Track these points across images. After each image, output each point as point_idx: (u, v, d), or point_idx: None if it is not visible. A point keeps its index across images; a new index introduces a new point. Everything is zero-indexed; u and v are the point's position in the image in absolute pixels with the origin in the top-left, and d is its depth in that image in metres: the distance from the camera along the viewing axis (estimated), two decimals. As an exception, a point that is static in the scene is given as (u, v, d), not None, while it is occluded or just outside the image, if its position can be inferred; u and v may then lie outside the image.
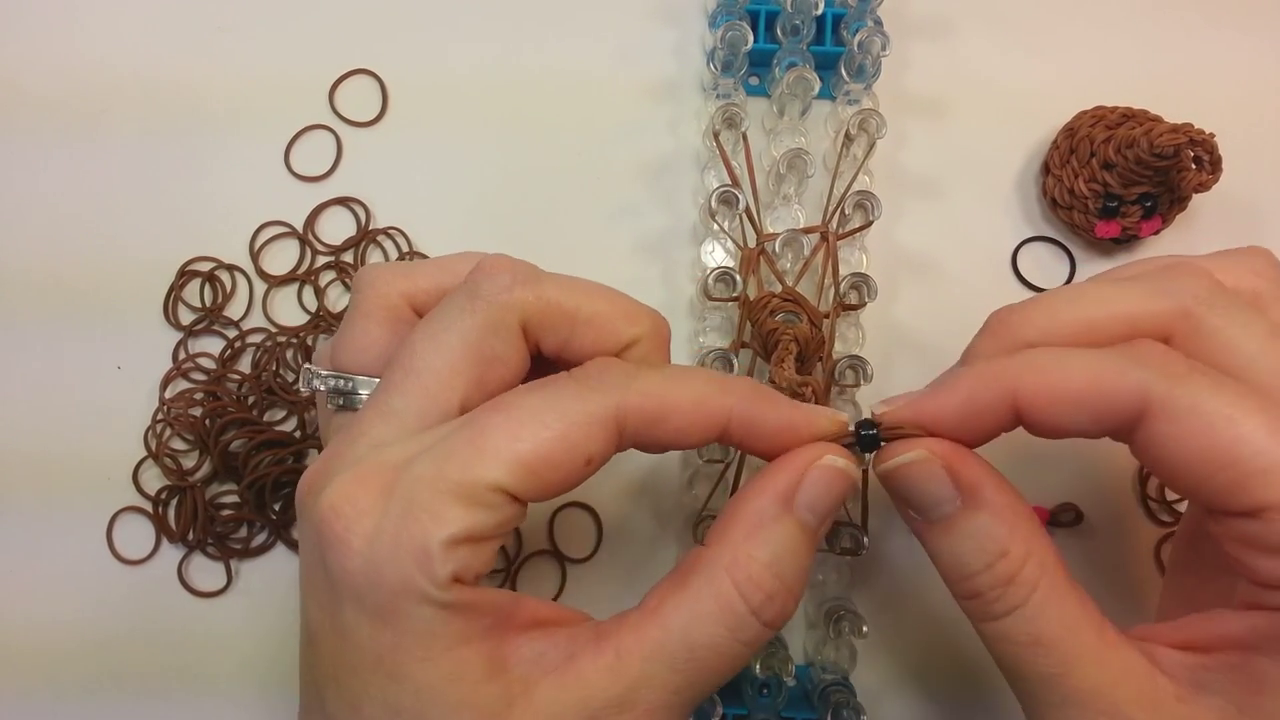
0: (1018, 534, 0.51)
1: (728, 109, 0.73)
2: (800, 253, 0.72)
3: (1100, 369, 0.50)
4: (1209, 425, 0.48)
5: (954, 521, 0.53)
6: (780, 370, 0.66)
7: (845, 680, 0.73)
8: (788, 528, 0.52)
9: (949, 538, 0.53)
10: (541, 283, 0.55)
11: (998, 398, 0.52)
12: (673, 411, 0.51)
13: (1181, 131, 0.72)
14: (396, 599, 0.47)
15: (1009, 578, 0.51)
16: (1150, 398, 0.49)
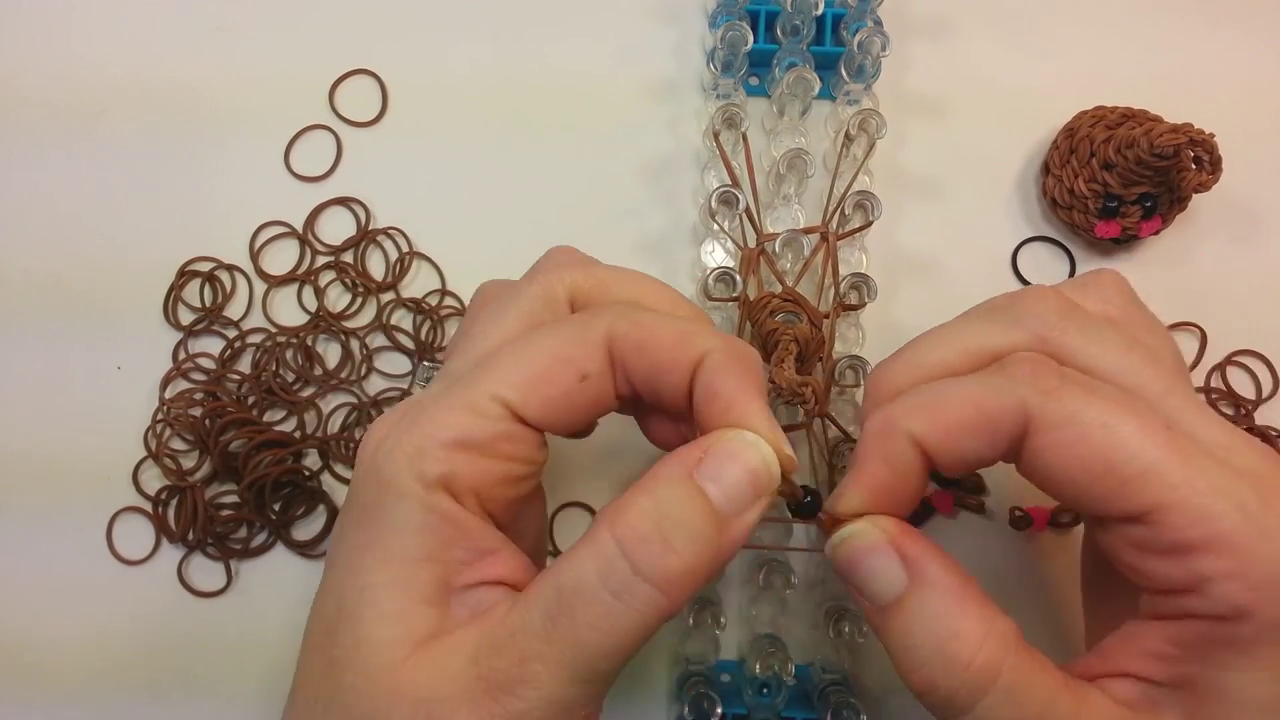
0: (968, 611, 0.50)
1: (728, 109, 0.73)
2: (800, 253, 0.72)
3: (980, 392, 0.51)
4: (1086, 434, 0.49)
5: (904, 602, 0.51)
6: (780, 370, 0.66)
7: (845, 680, 0.73)
8: (681, 487, 0.49)
9: (899, 619, 0.51)
10: (593, 266, 0.57)
11: (902, 447, 0.52)
12: (654, 342, 0.52)
13: (1181, 131, 0.72)
14: (382, 493, 0.50)
15: (968, 662, 0.49)
16: (1030, 412, 0.50)
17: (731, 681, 0.75)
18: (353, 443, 0.79)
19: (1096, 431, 0.49)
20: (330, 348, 0.80)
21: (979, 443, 0.51)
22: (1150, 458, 0.48)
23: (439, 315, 0.79)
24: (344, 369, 0.79)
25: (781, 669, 0.71)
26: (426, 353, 0.79)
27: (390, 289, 0.80)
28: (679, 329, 0.53)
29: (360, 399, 0.79)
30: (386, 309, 0.80)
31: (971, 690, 0.49)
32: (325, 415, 0.79)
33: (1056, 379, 0.50)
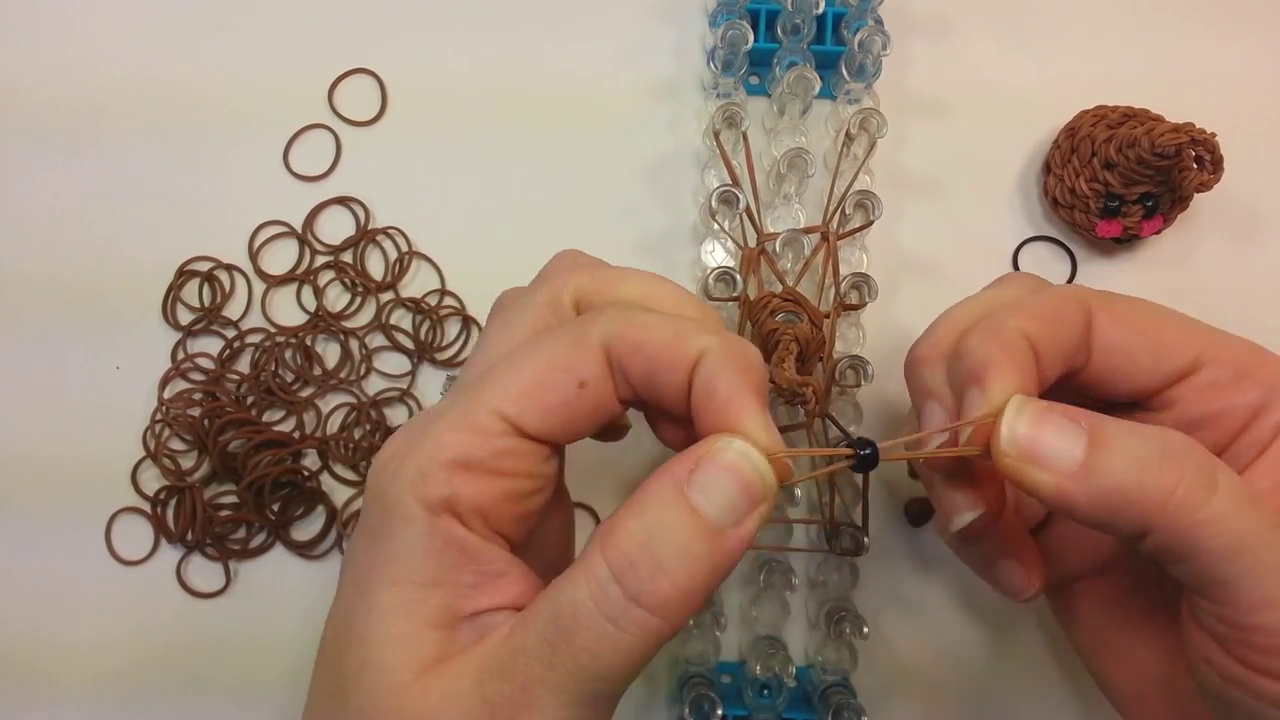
0: (1173, 438, 0.50)
1: (728, 108, 0.73)
2: (801, 252, 0.72)
3: (1053, 295, 0.57)
4: (1137, 310, 0.58)
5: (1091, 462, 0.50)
6: (781, 370, 0.66)
7: (846, 681, 0.73)
8: (672, 506, 0.48)
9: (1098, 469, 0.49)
10: (599, 268, 0.57)
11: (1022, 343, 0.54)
12: (650, 341, 0.51)
13: (1183, 131, 0.72)
14: (388, 516, 0.50)
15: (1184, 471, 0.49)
16: (1091, 302, 0.57)
17: (732, 683, 0.75)
18: (351, 442, 0.79)
19: (1143, 307, 0.58)
20: (329, 348, 0.80)
21: (1065, 329, 0.56)
22: (1189, 324, 0.57)
23: (438, 315, 0.79)
24: (343, 369, 0.79)
25: (782, 670, 0.71)
26: (426, 352, 0.79)
27: (389, 289, 0.80)
28: (675, 327, 0.51)
29: (359, 399, 0.79)
30: (386, 309, 0.80)
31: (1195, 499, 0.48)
32: (324, 415, 0.79)
33: None
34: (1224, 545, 0.48)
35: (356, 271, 0.80)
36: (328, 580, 0.78)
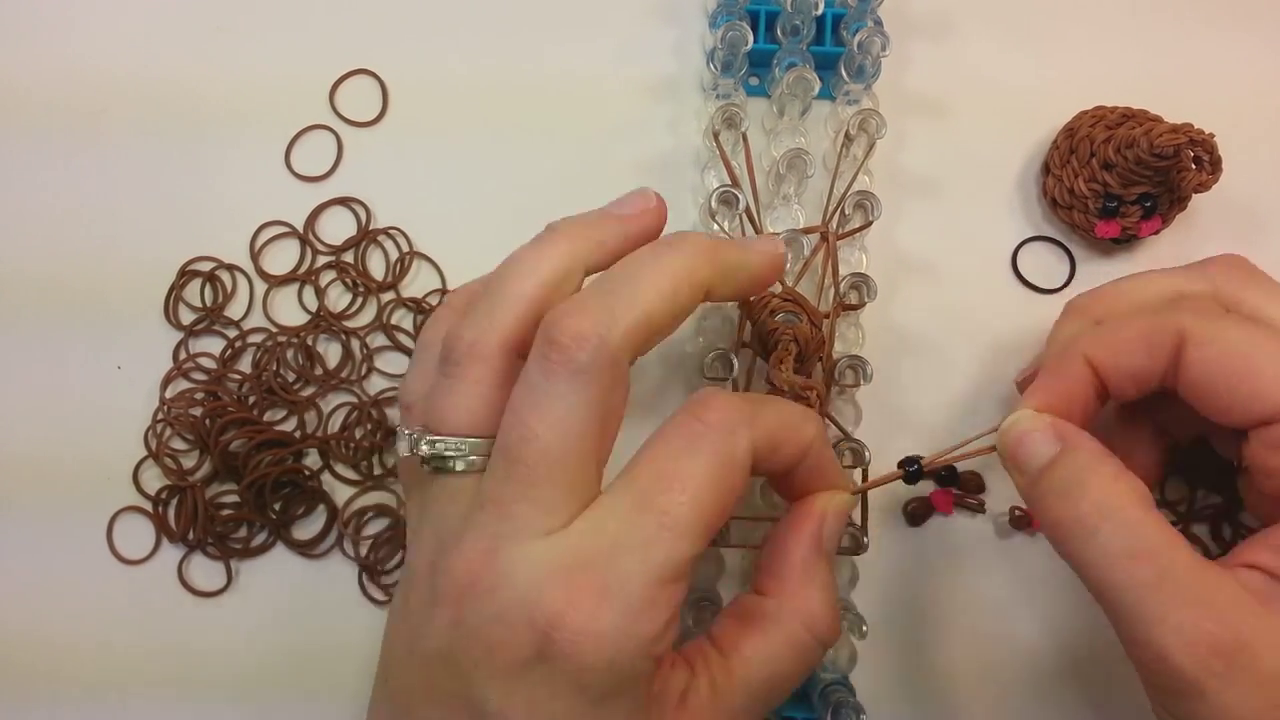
0: (1106, 466, 0.59)
1: (727, 109, 0.73)
2: (800, 253, 0.72)
3: (1148, 318, 0.62)
4: (1229, 348, 0.58)
5: (1054, 463, 0.60)
6: (780, 371, 0.66)
7: (845, 679, 0.73)
8: (826, 566, 0.62)
9: (1050, 478, 0.60)
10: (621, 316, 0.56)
11: (1078, 365, 0.63)
12: (785, 443, 0.59)
13: (1181, 131, 0.72)
14: (622, 685, 0.53)
15: (1101, 494, 0.57)
16: (1187, 332, 0.59)
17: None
18: (353, 442, 0.79)
19: (1239, 345, 0.58)
20: (331, 347, 0.80)
21: (1139, 358, 0.61)
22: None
23: (439, 315, 0.79)
24: (344, 369, 0.79)
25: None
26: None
27: (390, 289, 0.80)
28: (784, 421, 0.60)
29: (361, 399, 0.79)
30: (387, 309, 0.80)
31: (1097, 516, 0.56)
32: (326, 415, 0.79)
33: (1217, 310, 0.62)
34: None
35: (358, 271, 0.80)
36: (328, 579, 0.78)
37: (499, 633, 0.52)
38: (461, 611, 0.54)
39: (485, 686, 0.53)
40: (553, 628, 0.51)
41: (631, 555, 0.52)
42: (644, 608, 0.51)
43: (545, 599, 0.51)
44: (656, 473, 0.54)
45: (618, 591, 0.51)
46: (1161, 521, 0.56)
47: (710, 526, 0.54)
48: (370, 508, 0.78)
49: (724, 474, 0.54)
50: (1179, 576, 0.54)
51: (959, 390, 0.79)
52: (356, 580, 0.77)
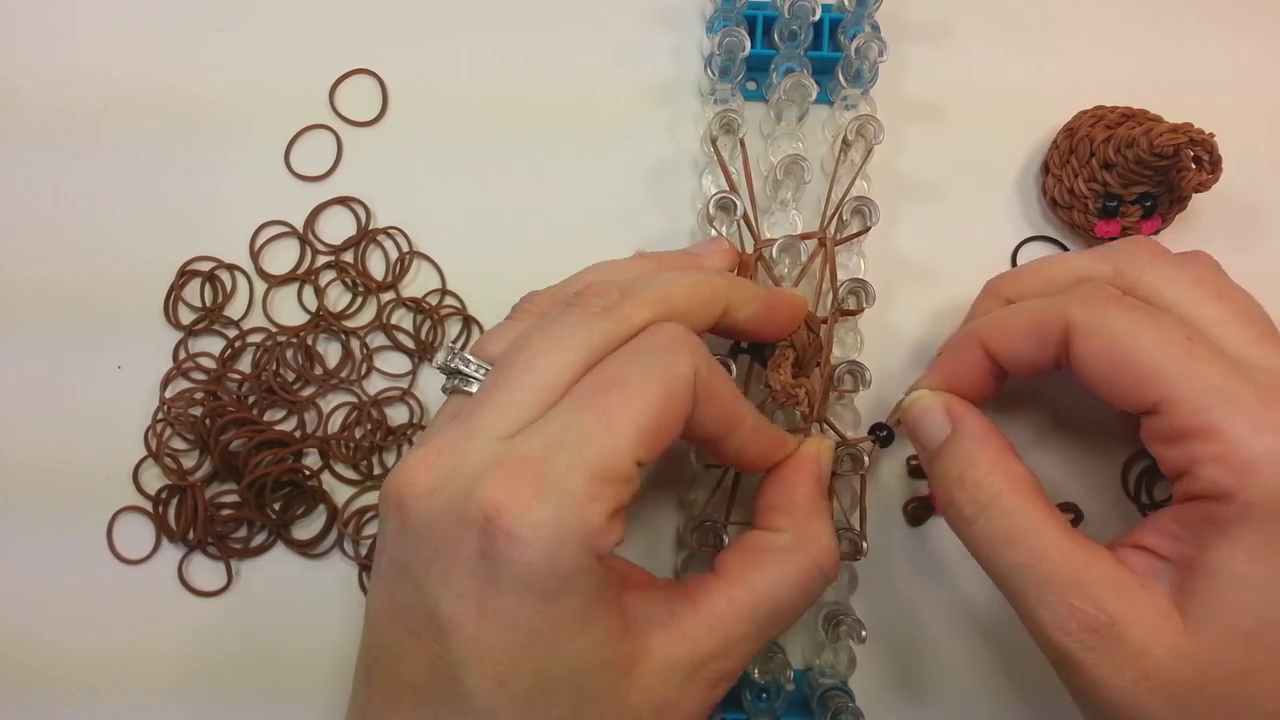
0: (989, 452, 0.63)
1: (725, 115, 0.73)
2: (798, 258, 0.72)
3: (1037, 307, 0.64)
4: (1114, 340, 0.59)
5: (944, 446, 0.65)
6: (776, 375, 0.66)
7: (844, 685, 0.73)
8: (827, 504, 0.68)
9: (941, 460, 0.65)
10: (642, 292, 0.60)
11: (973, 349, 0.67)
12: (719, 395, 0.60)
13: (1181, 131, 0.72)
14: (567, 580, 0.53)
15: (976, 485, 0.62)
16: (1073, 323, 0.61)
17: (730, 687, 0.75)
18: (353, 442, 0.79)
19: (1122, 338, 0.59)
20: (330, 347, 0.80)
21: (1030, 346, 0.64)
22: (1162, 359, 0.58)
23: (439, 315, 0.80)
24: (344, 368, 0.79)
25: (780, 674, 0.71)
26: (427, 352, 0.80)
27: (390, 289, 0.80)
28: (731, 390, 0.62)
29: (360, 398, 0.79)
30: (387, 308, 0.80)
31: (974, 505, 0.62)
32: (325, 415, 0.79)
33: (1105, 298, 0.61)
34: None
35: (357, 271, 0.80)
36: (328, 579, 0.78)
37: (441, 530, 0.54)
38: (406, 515, 0.56)
39: (436, 589, 0.54)
40: (490, 520, 0.52)
41: (569, 450, 0.53)
42: (582, 501, 0.53)
43: (484, 493, 0.53)
44: (600, 379, 0.56)
45: (555, 484, 0.53)
46: (1038, 505, 0.61)
47: (651, 435, 0.55)
48: (370, 508, 0.78)
49: (667, 385, 0.56)
50: (1051, 559, 0.59)
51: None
52: (356, 580, 0.78)
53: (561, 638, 0.54)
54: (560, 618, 0.53)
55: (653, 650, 0.58)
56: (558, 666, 0.54)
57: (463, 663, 0.54)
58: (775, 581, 0.62)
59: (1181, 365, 0.57)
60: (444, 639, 0.54)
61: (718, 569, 0.63)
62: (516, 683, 0.54)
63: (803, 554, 0.63)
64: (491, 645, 0.53)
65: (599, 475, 0.53)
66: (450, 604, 0.54)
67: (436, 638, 0.54)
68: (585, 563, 0.53)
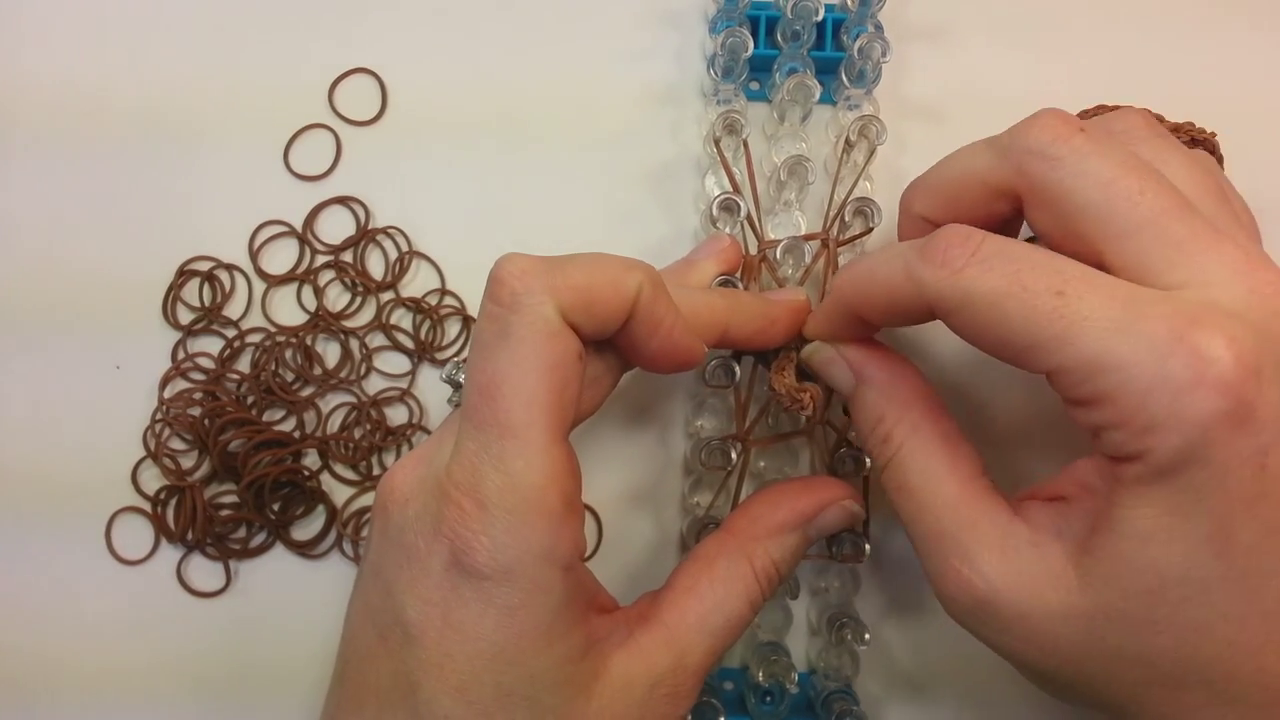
0: (893, 402, 0.63)
1: (728, 116, 0.73)
2: (801, 259, 0.72)
3: (892, 276, 0.58)
4: (977, 316, 0.54)
5: (851, 398, 0.65)
6: (779, 378, 0.66)
7: (848, 687, 0.74)
8: (797, 539, 0.66)
9: (852, 413, 0.65)
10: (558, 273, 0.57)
11: (841, 307, 0.64)
12: (596, 300, 0.57)
13: (1182, 130, 0.72)
14: (530, 596, 0.54)
15: (884, 437, 0.62)
16: (928, 298, 0.56)
17: (734, 689, 0.76)
18: (352, 442, 0.79)
19: (985, 312, 0.53)
20: (330, 347, 0.80)
21: (892, 316, 0.61)
22: (1033, 332, 0.52)
23: (439, 315, 0.79)
24: (343, 368, 0.79)
25: (784, 676, 0.72)
26: (427, 352, 0.79)
27: (390, 288, 0.80)
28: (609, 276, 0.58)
29: (360, 399, 0.79)
30: (386, 308, 0.80)
31: (881, 456, 0.62)
32: (325, 415, 0.79)
33: (961, 260, 0.54)
34: None
35: (357, 271, 0.80)
36: (328, 579, 0.78)
37: (414, 538, 0.56)
38: (387, 519, 0.58)
39: (405, 595, 0.55)
40: (456, 536, 0.54)
41: (493, 471, 0.54)
42: (528, 518, 0.53)
43: (443, 512, 0.54)
44: (477, 385, 0.55)
45: (494, 505, 0.53)
46: (938, 456, 0.60)
47: (555, 410, 0.55)
48: (370, 508, 0.77)
49: (542, 353, 0.54)
50: (939, 513, 0.59)
51: (956, 390, 0.79)
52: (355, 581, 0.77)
53: (524, 652, 0.54)
54: (523, 632, 0.54)
55: (611, 668, 0.58)
56: (518, 680, 0.55)
57: (423, 669, 0.54)
58: (723, 591, 0.62)
59: (1055, 333, 0.51)
60: (409, 645, 0.55)
61: (670, 580, 0.64)
62: (475, 693, 0.54)
63: (747, 568, 0.63)
64: (453, 655, 0.54)
65: (531, 486, 0.53)
66: (417, 611, 0.55)
67: (402, 643, 0.55)
68: (545, 577, 0.54)
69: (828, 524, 0.67)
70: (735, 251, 0.70)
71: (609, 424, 0.77)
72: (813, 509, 0.66)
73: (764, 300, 0.67)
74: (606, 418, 0.79)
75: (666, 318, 0.59)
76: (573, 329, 0.56)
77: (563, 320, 0.55)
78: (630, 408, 0.78)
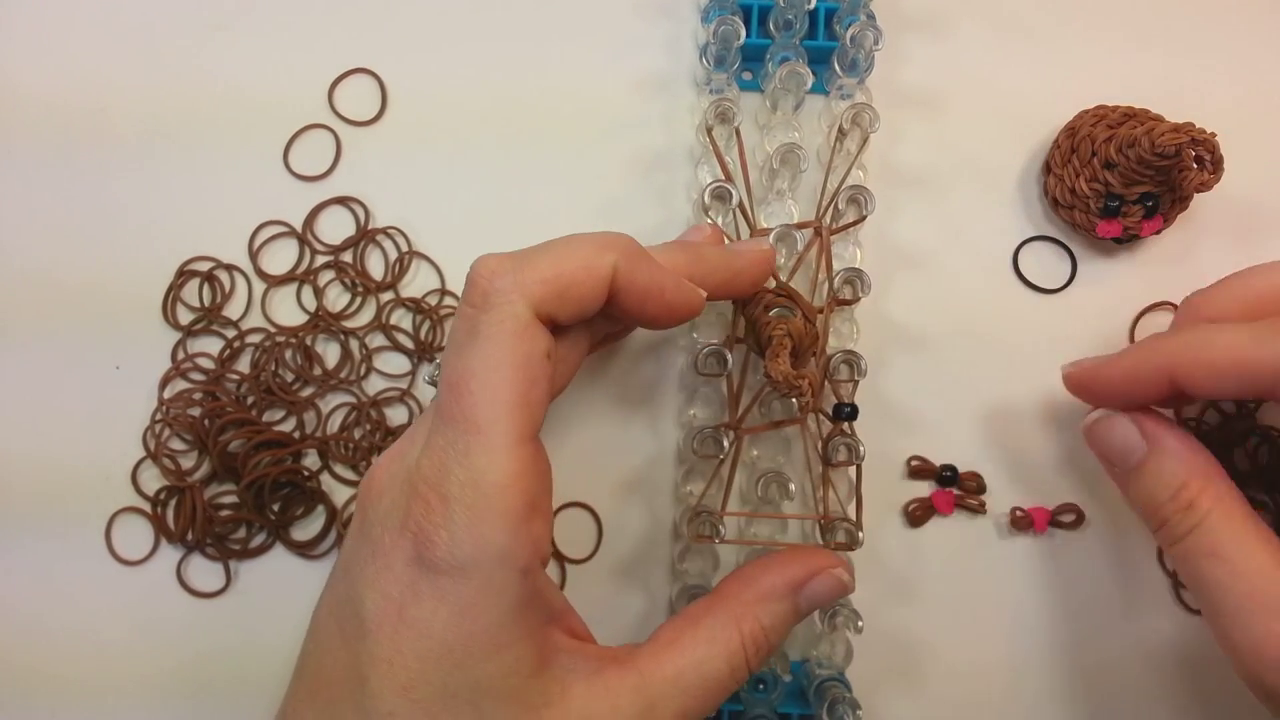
0: (1195, 469, 0.62)
1: (720, 104, 0.73)
2: (794, 248, 0.72)
3: (1242, 343, 0.59)
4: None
5: (1144, 465, 0.64)
6: (775, 365, 0.66)
7: (840, 675, 0.73)
8: (787, 607, 0.64)
9: (1142, 479, 0.64)
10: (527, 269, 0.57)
11: (1156, 370, 0.62)
12: (570, 285, 0.58)
13: (1183, 131, 0.72)
14: (483, 596, 0.54)
15: (1188, 503, 0.61)
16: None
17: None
18: (352, 442, 0.79)
19: None
20: (329, 347, 0.80)
21: (1229, 385, 0.60)
22: None
23: (438, 315, 0.80)
24: (343, 369, 0.79)
25: (778, 664, 0.71)
26: (427, 352, 0.79)
27: (390, 289, 0.80)
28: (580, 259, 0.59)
29: (359, 399, 0.79)
30: (386, 309, 0.80)
31: (1187, 524, 0.61)
32: (324, 415, 0.79)
33: None
34: None
35: (357, 271, 0.80)
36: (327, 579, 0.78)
37: (381, 533, 0.57)
38: (364, 514, 0.59)
39: (366, 589, 0.56)
40: (420, 531, 0.54)
41: (458, 466, 0.54)
42: (487, 515, 0.53)
43: (410, 507, 0.55)
44: (448, 382, 0.56)
45: (456, 501, 0.54)
46: (1247, 524, 0.60)
47: (522, 408, 0.55)
48: (368, 508, 0.78)
49: (511, 351, 0.55)
50: (1253, 578, 0.58)
51: (956, 388, 0.79)
52: (355, 581, 0.77)
53: (472, 654, 0.54)
54: (473, 634, 0.54)
55: (572, 699, 0.58)
56: (464, 684, 0.55)
57: (373, 664, 0.55)
58: (704, 650, 0.61)
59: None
60: (363, 638, 0.55)
61: (654, 634, 0.63)
62: (421, 692, 0.55)
63: (733, 631, 0.62)
64: (403, 651, 0.54)
65: (492, 484, 0.54)
66: (375, 605, 0.55)
67: (358, 636, 0.56)
68: (500, 578, 0.54)
69: (818, 593, 0.65)
70: (717, 238, 0.70)
71: (602, 414, 0.77)
72: (803, 575, 0.65)
73: (728, 252, 0.67)
74: (599, 408, 0.79)
75: (654, 283, 0.60)
76: (550, 319, 0.57)
77: (533, 316, 0.56)
78: (623, 398, 0.78)
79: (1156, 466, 0.63)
